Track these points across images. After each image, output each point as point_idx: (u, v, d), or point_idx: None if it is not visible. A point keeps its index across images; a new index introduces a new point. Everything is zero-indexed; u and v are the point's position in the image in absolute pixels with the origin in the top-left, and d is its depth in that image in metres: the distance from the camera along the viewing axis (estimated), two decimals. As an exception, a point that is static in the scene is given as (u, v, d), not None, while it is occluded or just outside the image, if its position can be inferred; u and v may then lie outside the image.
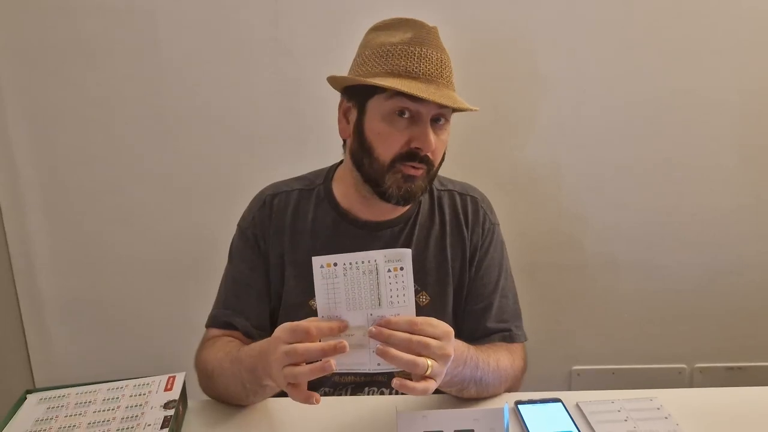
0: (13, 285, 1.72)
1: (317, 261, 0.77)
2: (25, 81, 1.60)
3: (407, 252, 0.76)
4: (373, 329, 0.76)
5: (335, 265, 0.76)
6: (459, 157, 1.47)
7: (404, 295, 0.77)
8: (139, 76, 1.60)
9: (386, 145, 0.94)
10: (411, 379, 0.76)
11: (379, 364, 0.77)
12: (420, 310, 1.03)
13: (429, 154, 0.95)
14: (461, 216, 1.08)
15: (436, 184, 1.11)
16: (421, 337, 0.75)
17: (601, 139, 1.68)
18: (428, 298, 1.05)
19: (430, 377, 0.76)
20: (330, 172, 1.10)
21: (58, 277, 1.73)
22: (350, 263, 0.76)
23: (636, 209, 1.73)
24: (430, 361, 0.75)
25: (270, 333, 0.93)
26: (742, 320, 1.80)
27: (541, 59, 1.62)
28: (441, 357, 0.76)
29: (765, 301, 1.79)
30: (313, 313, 1.02)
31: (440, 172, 1.14)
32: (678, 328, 1.81)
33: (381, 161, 0.95)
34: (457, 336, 1.05)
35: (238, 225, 1.10)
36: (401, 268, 0.76)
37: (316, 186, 1.09)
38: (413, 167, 0.94)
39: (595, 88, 1.64)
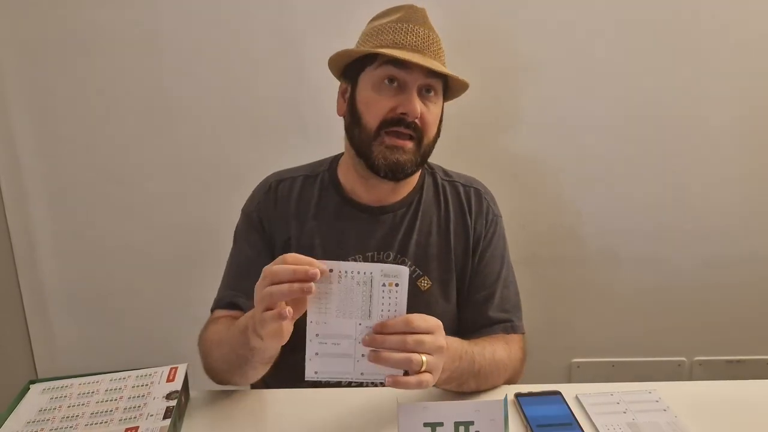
0: (16, 276, 1.73)
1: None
2: (28, 71, 1.59)
3: (405, 270, 0.76)
4: (367, 337, 0.75)
5: (331, 270, 0.75)
6: (461, 150, 1.47)
7: (395, 311, 0.76)
8: (141, 68, 1.59)
9: (373, 111, 0.97)
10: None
11: (362, 374, 0.77)
12: (421, 295, 1.04)
13: (417, 121, 0.96)
14: (465, 206, 1.10)
15: (440, 174, 1.13)
16: (416, 335, 0.75)
17: (602, 133, 1.67)
18: (430, 282, 1.06)
19: (426, 371, 0.76)
20: (335, 160, 1.13)
21: (60, 268, 1.74)
22: (346, 271, 0.75)
23: (636, 203, 1.73)
24: (425, 357, 0.75)
25: None
26: (741, 313, 1.81)
27: (546, 53, 1.61)
28: (436, 350, 0.77)
29: (764, 295, 1.79)
30: None
31: (443, 166, 1.15)
32: (677, 322, 1.82)
33: (368, 129, 0.97)
34: (460, 324, 1.07)
35: (242, 210, 1.12)
36: (396, 285, 0.76)
37: (320, 172, 1.11)
38: (397, 135, 0.95)
39: (598, 83, 1.63)
